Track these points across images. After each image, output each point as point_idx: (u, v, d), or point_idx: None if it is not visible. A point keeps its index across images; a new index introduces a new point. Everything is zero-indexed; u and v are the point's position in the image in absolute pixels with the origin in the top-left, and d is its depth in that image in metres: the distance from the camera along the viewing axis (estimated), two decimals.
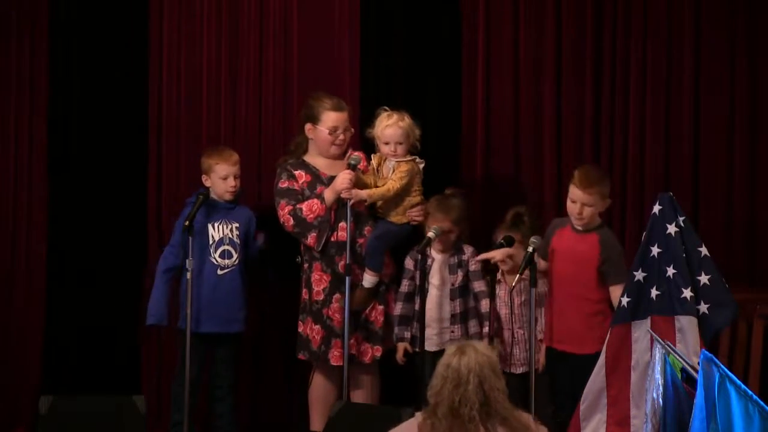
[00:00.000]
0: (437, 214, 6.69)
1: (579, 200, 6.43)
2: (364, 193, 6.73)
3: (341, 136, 6.89)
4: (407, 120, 6.76)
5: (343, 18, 7.43)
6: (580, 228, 6.48)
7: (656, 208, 6.11)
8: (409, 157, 6.77)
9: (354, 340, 6.81)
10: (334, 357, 6.77)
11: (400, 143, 6.74)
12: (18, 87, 7.59)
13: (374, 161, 6.85)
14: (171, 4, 7.58)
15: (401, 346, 6.78)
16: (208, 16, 7.55)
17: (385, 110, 6.80)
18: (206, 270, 6.95)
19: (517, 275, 6.38)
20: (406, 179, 6.73)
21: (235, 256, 7.01)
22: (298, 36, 7.48)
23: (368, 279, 6.79)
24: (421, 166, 6.79)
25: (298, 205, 6.81)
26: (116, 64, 7.60)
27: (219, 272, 6.98)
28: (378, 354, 6.86)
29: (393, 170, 6.76)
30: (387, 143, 6.75)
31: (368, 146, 6.96)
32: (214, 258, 6.98)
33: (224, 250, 7.00)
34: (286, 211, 6.82)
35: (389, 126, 6.74)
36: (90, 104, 7.60)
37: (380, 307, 6.88)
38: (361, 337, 6.84)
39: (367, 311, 6.85)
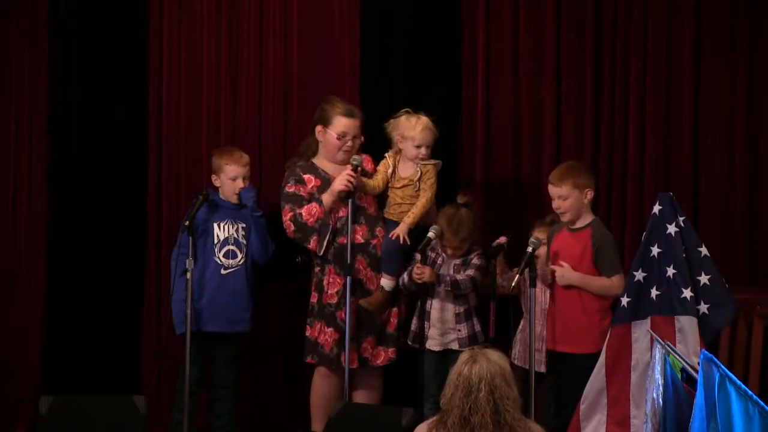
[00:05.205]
0: (447, 233, 6.67)
1: (554, 195, 6.50)
2: (405, 226, 6.70)
3: (349, 143, 6.86)
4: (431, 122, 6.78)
5: (343, 18, 7.44)
6: (572, 225, 6.52)
7: (656, 208, 6.11)
8: (433, 161, 6.77)
9: (367, 344, 6.81)
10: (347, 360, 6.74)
11: (429, 146, 6.75)
12: (18, 88, 7.60)
13: (390, 161, 6.83)
14: (171, 4, 7.59)
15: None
16: (208, 16, 7.56)
17: (408, 112, 6.78)
18: (210, 270, 6.95)
19: (517, 275, 6.39)
20: (435, 185, 6.74)
21: (239, 256, 7.00)
22: (298, 36, 7.48)
23: (387, 283, 6.79)
24: (439, 167, 6.80)
25: (298, 210, 6.80)
26: (116, 64, 7.60)
27: (223, 272, 6.98)
28: (393, 356, 6.86)
29: (420, 174, 6.74)
30: (419, 146, 6.74)
31: (368, 149, 6.96)
32: (218, 258, 6.98)
33: (229, 250, 7.00)
34: (288, 216, 6.81)
35: (425, 129, 6.74)
36: (90, 104, 7.61)
37: (395, 309, 6.88)
38: (374, 340, 6.84)
39: (384, 315, 6.85)
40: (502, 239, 6.61)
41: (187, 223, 6.80)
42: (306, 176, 6.87)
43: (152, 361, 7.54)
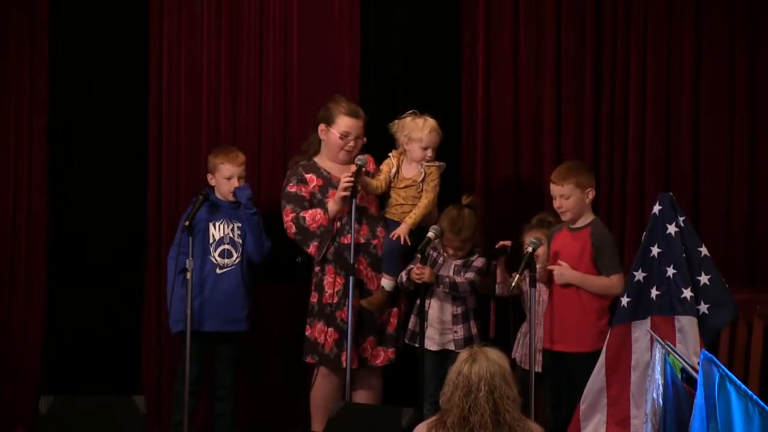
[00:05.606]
0: (449, 234, 6.67)
1: (556, 194, 6.51)
2: (406, 227, 6.70)
3: (351, 143, 6.86)
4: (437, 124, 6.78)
5: (343, 18, 7.43)
6: (572, 225, 6.52)
7: (656, 208, 6.11)
8: (437, 162, 6.76)
9: (367, 344, 6.81)
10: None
11: (435, 148, 6.75)
12: (18, 87, 7.60)
13: (394, 160, 6.83)
14: (171, 4, 7.59)
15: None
16: (208, 16, 7.55)
17: (415, 113, 6.77)
18: (206, 269, 6.95)
19: (517, 276, 6.38)
20: (438, 187, 6.74)
21: (235, 255, 7.00)
22: (298, 36, 7.48)
23: (387, 283, 6.79)
24: (442, 169, 6.79)
25: (301, 213, 6.79)
26: (116, 64, 7.60)
27: (218, 271, 6.97)
28: (392, 356, 6.86)
29: (423, 175, 6.74)
30: (426, 148, 6.73)
31: (368, 149, 6.95)
32: (214, 257, 6.98)
33: (224, 250, 7.00)
34: (290, 217, 6.81)
35: (432, 131, 6.73)
36: (90, 104, 7.60)
37: (395, 310, 6.88)
38: (375, 341, 6.84)
39: (384, 315, 6.84)
40: (507, 243, 6.60)
41: (187, 222, 6.80)
42: (308, 176, 6.87)
43: (152, 361, 7.54)
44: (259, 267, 7.10)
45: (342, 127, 6.85)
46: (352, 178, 6.62)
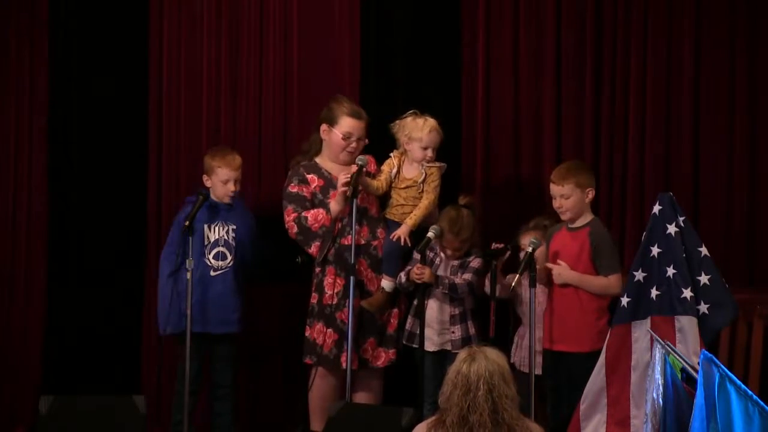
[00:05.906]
0: (448, 234, 6.67)
1: (556, 194, 6.52)
2: (406, 228, 6.70)
3: (353, 144, 6.85)
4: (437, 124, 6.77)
5: (343, 18, 7.44)
6: (570, 225, 6.52)
7: (656, 208, 6.11)
8: (438, 163, 6.76)
9: (368, 345, 6.80)
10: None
11: (435, 148, 6.74)
12: (18, 87, 7.60)
13: (395, 161, 6.82)
14: (171, 4, 7.59)
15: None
16: (208, 17, 7.56)
17: (416, 113, 6.77)
18: (200, 271, 6.93)
19: (517, 275, 6.39)
20: (439, 188, 6.73)
21: (229, 258, 6.99)
22: (298, 36, 7.48)
23: (387, 284, 6.79)
24: (443, 170, 6.79)
25: (303, 213, 6.79)
26: (116, 64, 7.60)
27: (212, 273, 6.96)
28: (393, 357, 6.85)
29: (424, 175, 6.74)
30: (426, 148, 6.73)
31: (368, 149, 6.95)
32: (208, 259, 6.97)
33: (218, 252, 6.99)
34: (292, 217, 6.80)
35: (432, 131, 6.72)
36: (90, 104, 7.61)
37: (395, 311, 6.87)
38: (375, 342, 6.83)
39: (384, 316, 6.84)
40: (500, 245, 6.60)
41: (187, 223, 6.79)
42: (309, 176, 6.87)
43: (152, 361, 7.54)
44: (256, 268, 7.09)
45: (344, 127, 6.84)
46: (350, 175, 6.62)
